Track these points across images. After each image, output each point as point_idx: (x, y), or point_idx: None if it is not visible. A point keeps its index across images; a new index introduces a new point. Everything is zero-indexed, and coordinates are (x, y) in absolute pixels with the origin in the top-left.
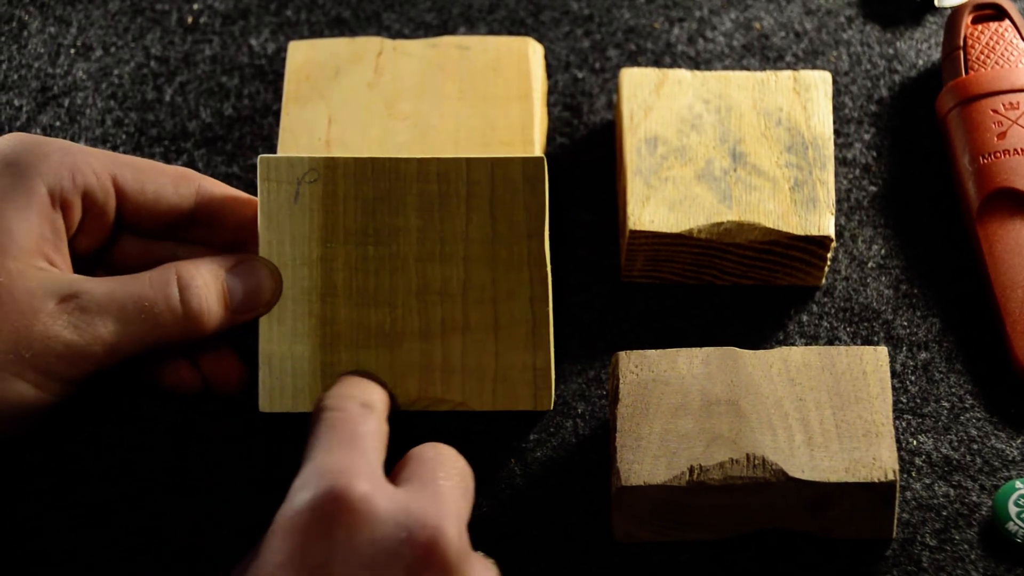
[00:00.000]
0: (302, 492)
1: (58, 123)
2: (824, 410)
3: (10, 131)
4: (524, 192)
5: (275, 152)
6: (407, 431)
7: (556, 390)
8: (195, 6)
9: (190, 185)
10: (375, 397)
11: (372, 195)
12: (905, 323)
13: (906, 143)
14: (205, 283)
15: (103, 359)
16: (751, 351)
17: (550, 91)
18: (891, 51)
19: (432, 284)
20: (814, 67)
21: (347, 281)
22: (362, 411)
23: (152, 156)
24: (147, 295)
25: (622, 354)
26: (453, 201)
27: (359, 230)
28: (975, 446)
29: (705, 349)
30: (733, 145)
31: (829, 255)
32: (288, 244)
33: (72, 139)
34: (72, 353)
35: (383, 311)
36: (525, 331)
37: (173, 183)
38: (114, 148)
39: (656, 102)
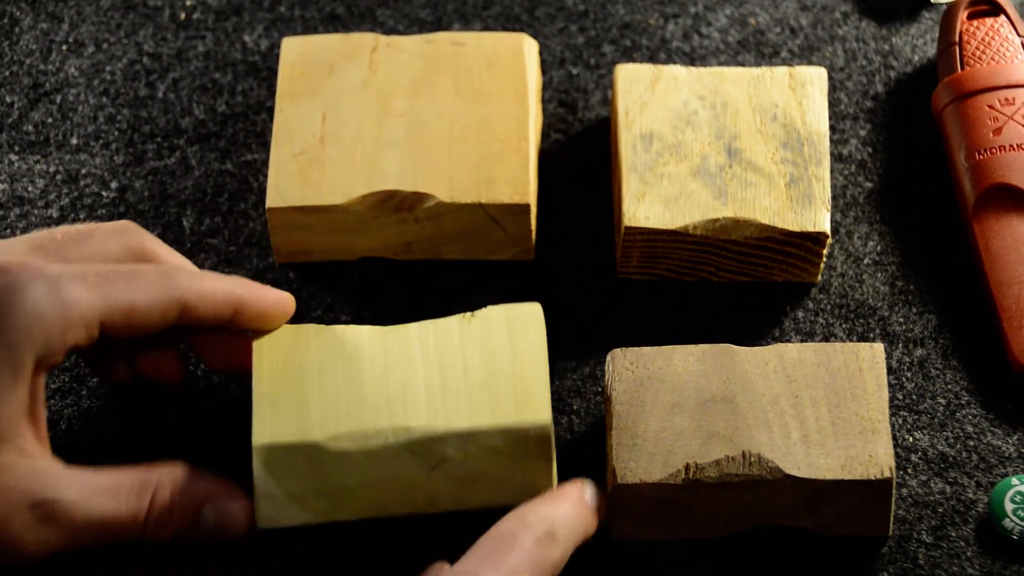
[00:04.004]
0: None
1: (50, 120)
2: (820, 407)
3: (2, 128)
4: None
5: (268, 148)
6: None
7: (551, 387)
8: (188, 2)
9: (176, 306)
10: (568, 527)
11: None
12: (901, 319)
13: (902, 139)
14: (182, 511)
15: (54, 556)
16: (747, 348)
17: (545, 87)
18: (887, 47)
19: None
20: (809, 63)
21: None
22: (541, 540)
23: (145, 153)
24: (120, 515)
25: (617, 351)
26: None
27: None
28: (971, 443)
29: (701, 346)
30: (728, 141)
31: (825, 251)
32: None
33: (64, 137)
34: (28, 556)
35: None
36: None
37: (161, 310)
38: (106, 145)
39: (651, 98)
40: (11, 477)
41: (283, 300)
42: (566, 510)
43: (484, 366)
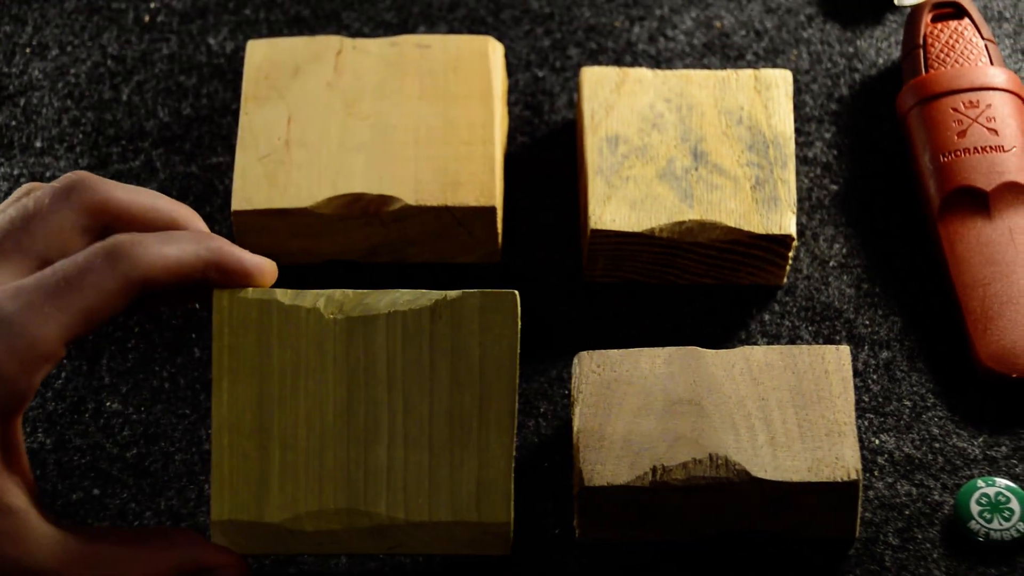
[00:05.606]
0: None
1: (14, 123)
2: (786, 409)
3: None
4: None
5: (233, 151)
6: None
7: (519, 389)
8: (152, 5)
9: (134, 287)
10: None
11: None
12: (867, 322)
13: (867, 142)
14: None
15: None
16: (713, 351)
17: (511, 90)
18: (851, 50)
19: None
20: (775, 66)
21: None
22: None
23: (109, 156)
24: None
25: (584, 354)
26: None
27: None
28: (937, 445)
29: (667, 349)
30: (694, 144)
31: (791, 254)
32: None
33: (28, 139)
34: None
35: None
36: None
37: (121, 297)
38: (71, 148)
39: (617, 101)
40: None
41: (259, 265)
42: None
43: (450, 408)
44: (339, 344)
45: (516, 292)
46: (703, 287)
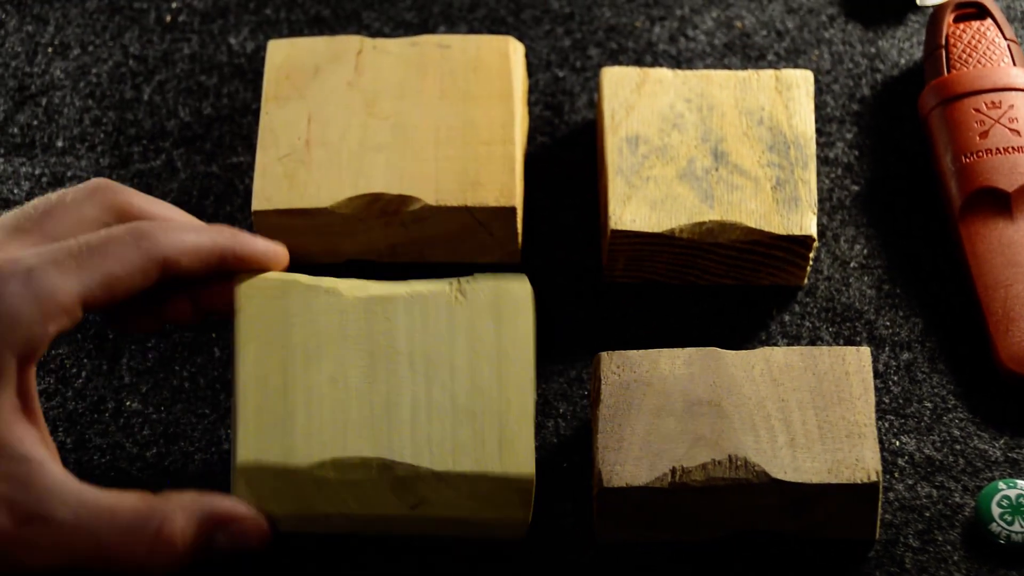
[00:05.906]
0: None
1: (36, 122)
2: (807, 411)
3: None
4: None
5: (253, 151)
6: None
7: (538, 389)
8: (173, 4)
9: (155, 265)
10: None
11: None
12: (888, 323)
13: (888, 142)
14: (192, 540)
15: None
16: (733, 352)
17: (531, 90)
18: (873, 50)
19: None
20: (796, 66)
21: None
22: None
23: (130, 155)
24: (115, 541)
25: (604, 355)
26: None
27: None
28: (958, 447)
29: (687, 350)
30: (715, 144)
31: (811, 255)
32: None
33: (50, 139)
34: (24, 569)
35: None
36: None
37: (141, 273)
38: (92, 148)
39: (637, 101)
40: (4, 487)
41: (272, 249)
42: None
43: (471, 379)
44: (359, 321)
45: (524, 275)
46: (723, 288)
